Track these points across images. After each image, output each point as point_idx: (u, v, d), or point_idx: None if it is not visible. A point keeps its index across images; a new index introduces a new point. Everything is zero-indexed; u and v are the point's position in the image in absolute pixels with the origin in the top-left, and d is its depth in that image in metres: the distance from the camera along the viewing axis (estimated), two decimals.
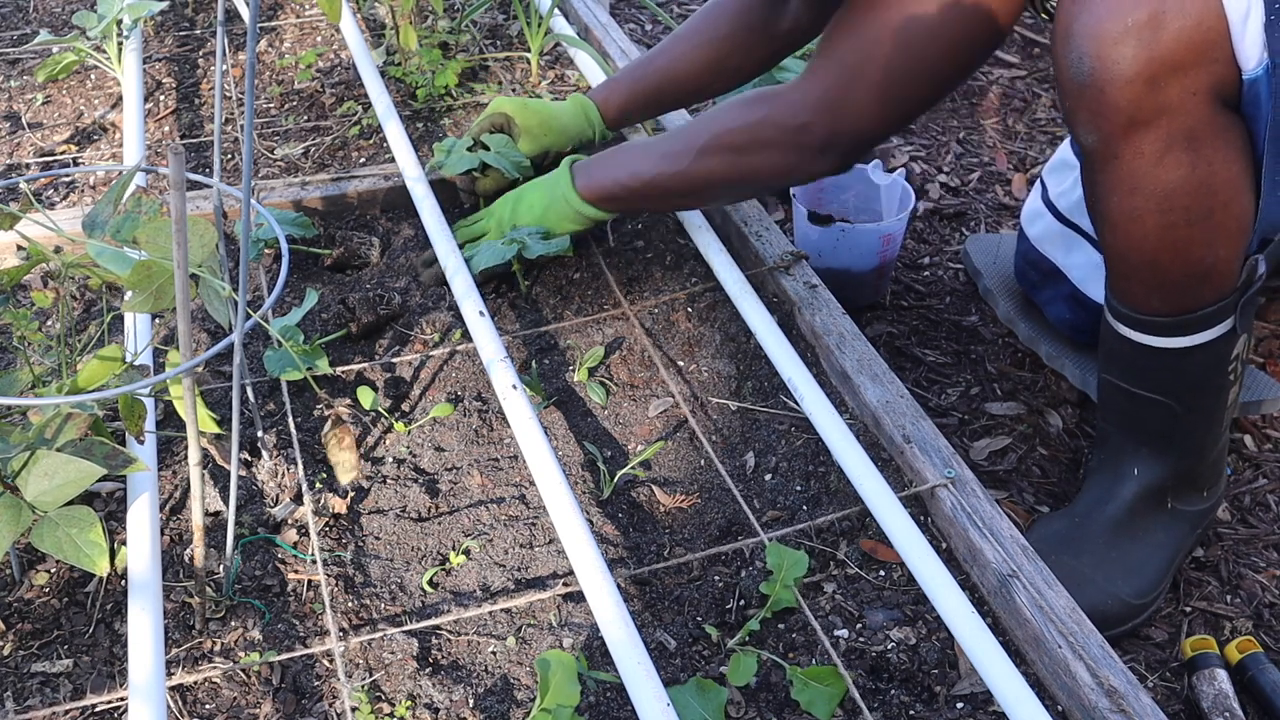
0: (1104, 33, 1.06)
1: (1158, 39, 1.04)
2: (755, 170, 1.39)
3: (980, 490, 1.23)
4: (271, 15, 2.25)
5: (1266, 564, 1.38)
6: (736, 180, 1.42)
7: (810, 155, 1.35)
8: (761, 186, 1.49)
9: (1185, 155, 1.09)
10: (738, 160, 1.39)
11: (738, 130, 1.38)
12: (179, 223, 0.82)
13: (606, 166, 1.49)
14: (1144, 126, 1.08)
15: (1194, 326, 1.19)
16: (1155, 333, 1.21)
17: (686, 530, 1.27)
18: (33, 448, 0.99)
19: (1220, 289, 1.17)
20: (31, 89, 2.01)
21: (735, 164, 1.39)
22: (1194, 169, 1.09)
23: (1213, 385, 1.24)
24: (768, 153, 1.37)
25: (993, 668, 1.07)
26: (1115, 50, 1.05)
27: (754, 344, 1.47)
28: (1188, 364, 1.21)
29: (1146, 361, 1.23)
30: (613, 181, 1.48)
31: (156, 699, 0.98)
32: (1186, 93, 1.06)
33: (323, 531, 1.23)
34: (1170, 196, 1.10)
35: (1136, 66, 1.05)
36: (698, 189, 1.45)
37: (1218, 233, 1.12)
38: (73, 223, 1.54)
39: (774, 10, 1.57)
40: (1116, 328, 1.24)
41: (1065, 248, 1.50)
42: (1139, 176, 1.10)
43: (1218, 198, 1.10)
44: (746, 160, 1.38)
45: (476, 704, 1.08)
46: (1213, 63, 1.05)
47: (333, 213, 1.70)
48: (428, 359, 1.46)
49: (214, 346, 0.99)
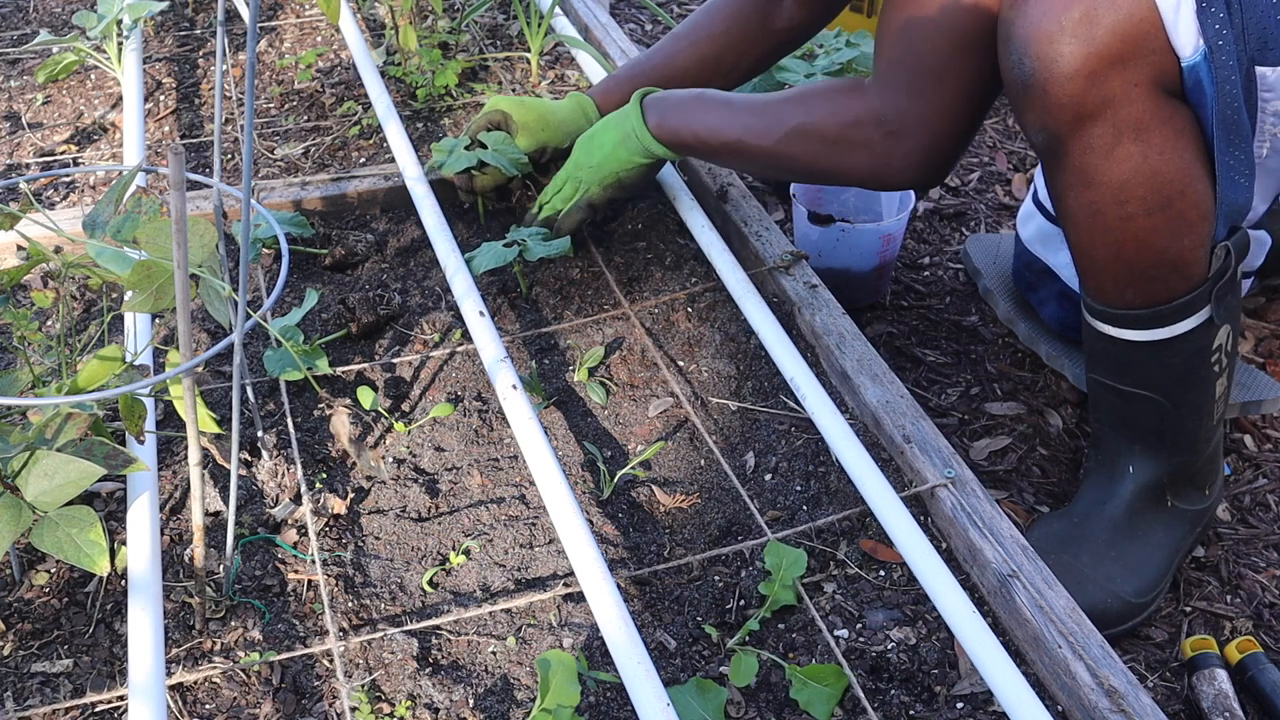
0: (1041, 33, 1.08)
1: (1093, 34, 1.06)
2: (842, 165, 1.37)
3: (980, 490, 1.23)
4: (271, 15, 2.25)
5: (1266, 564, 1.38)
6: (821, 170, 1.41)
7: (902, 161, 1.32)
8: (842, 180, 1.44)
9: (1135, 146, 1.10)
10: (827, 151, 1.37)
11: (830, 122, 1.35)
12: (179, 223, 0.82)
13: (685, 114, 1.48)
14: (1090, 120, 1.10)
15: (1169, 318, 1.20)
16: (1132, 326, 1.21)
17: (686, 530, 1.27)
18: (33, 448, 0.99)
19: (1190, 278, 1.18)
20: (31, 89, 2.02)
21: (823, 154, 1.37)
22: (1145, 159, 1.11)
23: (1198, 377, 1.24)
24: (859, 151, 1.34)
25: (993, 668, 1.07)
26: (1053, 48, 1.08)
27: (754, 344, 1.47)
28: (1169, 356, 1.22)
29: (1128, 356, 1.24)
30: (687, 130, 1.47)
31: (156, 699, 0.98)
32: (1128, 84, 1.08)
33: (322, 531, 1.23)
34: (1124, 188, 1.12)
35: (1075, 63, 1.07)
36: (778, 165, 1.44)
37: (1178, 221, 1.14)
38: (73, 223, 1.54)
39: (770, 9, 1.58)
40: (1095, 325, 1.25)
41: (1054, 247, 1.51)
42: (1091, 170, 1.12)
43: (1173, 186, 1.12)
44: (837, 154, 1.36)
45: (476, 704, 1.08)
46: (1150, 53, 1.07)
47: (333, 213, 1.70)
48: (428, 359, 1.46)
49: (214, 346, 0.99)
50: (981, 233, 1.93)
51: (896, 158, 1.31)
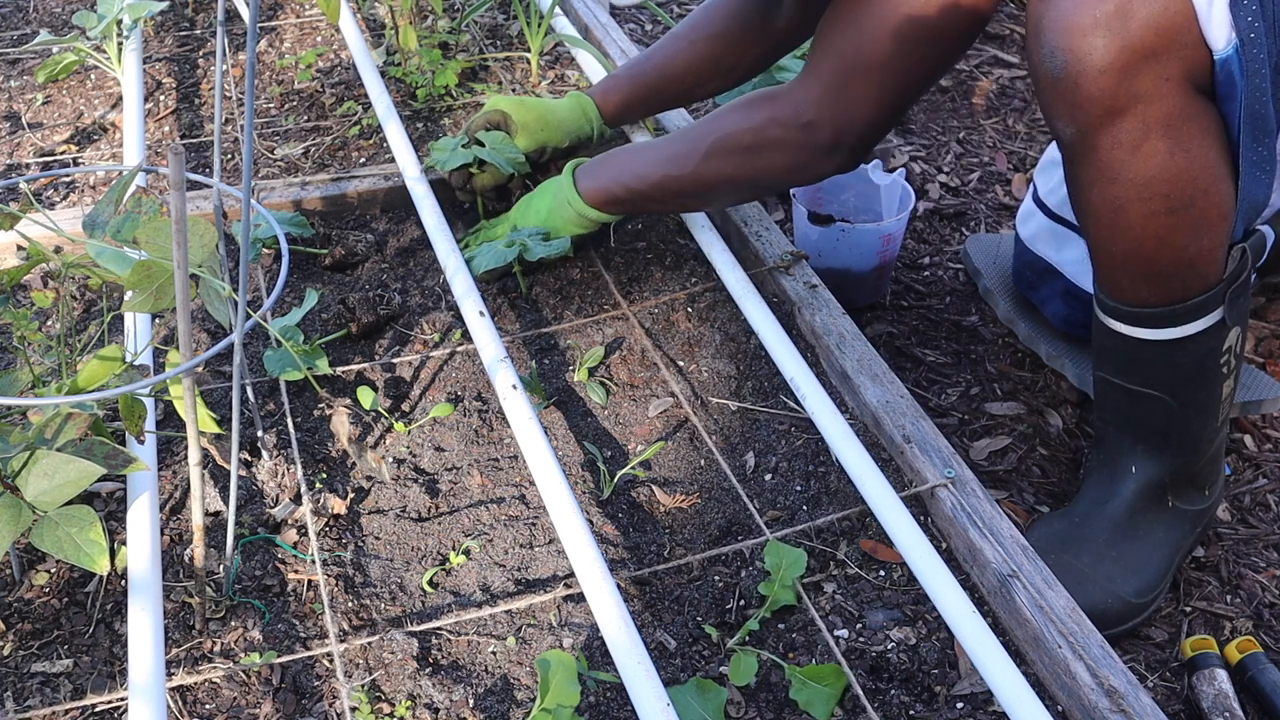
0: (1074, 25, 1.07)
1: (1127, 28, 1.05)
2: (763, 171, 1.39)
3: (980, 490, 1.23)
4: (271, 15, 2.25)
5: (1266, 564, 1.38)
6: (744, 182, 1.42)
7: (818, 153, 1.36)
8: (768, 187, 1.49)
9: (1163, 143, 1.09)
10: (745, 161, 1.39)
11: (743, 131, 1.38)
12: (179, 223, 0.82)
13: (609, 169, 1.50)
14: (1120, 115, 1.09)
15: (1183, 317, 1.19)
16: (1145, 325, 1.21)
17: (686, 530, 1.27)
18: (33, 448, 0.99)
19: (1206, 278, 1.17)
20: (31, 89, 2.01)
21: (742, 165, 1.40)
22: (1172, 156, 1.10)
23: (1206, 378, 1.24)
24: (775, 153, 1.37)
25: (993, 668, 1.07)
26: (1086, 42, 1.07)
27: (754, 344, 1.47)
28: (1179, 356, 1.22)
29: (1138, 355, 1.24)
30: (616, 184, 1.48)
31: (156, 699, 0.98)
32: (1160, 79, 1.07)
33: (322, 532, 1.23)
34: (1150, 185, 1.11)
35: (1109, 56, 1.06)
36: (704, 190, 1.45)
37: (1200, 220, 1.13)
38: (73, 223, 1.54)
39: (768, 9, 1.58)
40: (1107, 322, 1.24)
41: (1057, 244, 1.51)
42: (1118, 166, 1.11)
43: (1197, 184, 1.11)
44: (754, 161, 1.39)
45: (476, 704, 1.08)
46: (1183, 47, 1.06)
47: (332, 213, 1.70)
48: (428, 359, 1.46)
49: (214, 346, 0.99)
50: (981, 233, 1.93)
51: (814, 149, 1.34)
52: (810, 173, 1.40)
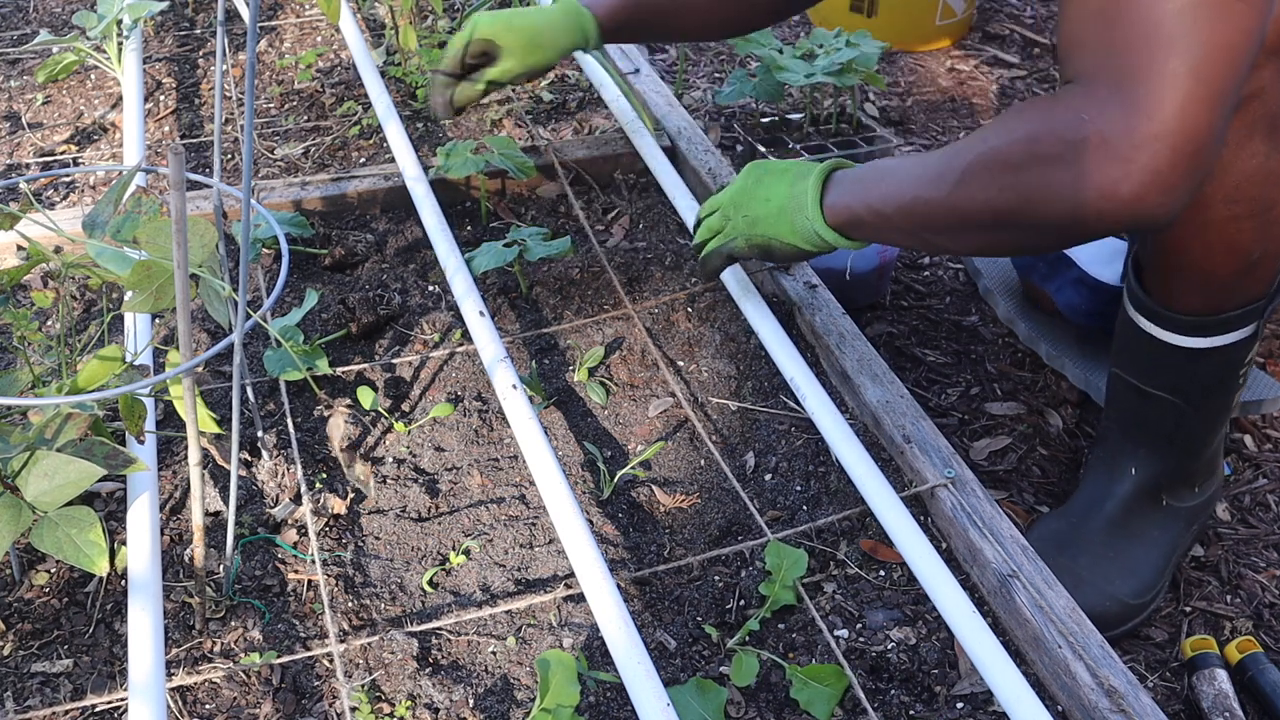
0: None
1: None
2: (1035, 197, 1.00)
3: (980, 490, 1.23)
4: (271, 15, 2.25)
5: (1266, 564, 1.38)
6: (1009, 210, 1.03)
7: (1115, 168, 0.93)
8: (1044, 219, 1.01)
9: (1263, 144, 1.07)
10: (1013, 184, 1.01)
11: (1010, 144, 1.02)
12: (179, 223, 0.82)
13: (857, 186, 1.22)
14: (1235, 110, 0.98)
15: (1223, 327, 1.18)
16: (1181, 331, 1.19)
17: (686, 530, 1.27)
18: (33, 448, 0.99)
19: (1257, 289, 1.16)
20: (31, 89, 2.02)
21: (1009, 189, 1.02)
22: (1267, 159, 1.08)
23: (1225, 387, 1.23)
24: (1059, 172, 0.96)
25: (993, 668, 1.07)
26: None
27: (754, 344, 1.47)
28: (1205, 365, 1.21)
29: (1165, 360, 1.22)
30: (862, 204, 1.20)
31: (156, 699, 0.97)
32: (1277, 76, 1.05)
33: (322, 532, 1.23)
34: (1240, 186, 1.08)
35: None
36: (959, 218, 1.08)
37: (1271, 228, 1.11)
38: (73, 223, 1.54)
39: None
40: (1139, 322, 1.22)
41: None
42: (1219, 164, 1.07)
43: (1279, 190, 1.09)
44: (1026, 182, 1.00)
45: (476, 704, 1.08)
46: None
47: (332, 213, 1.70)
48: (428, 359, 1.46)
49: (214, 346, 0.99)
50: None
51: (1111, 171, 0.93)
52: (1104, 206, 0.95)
